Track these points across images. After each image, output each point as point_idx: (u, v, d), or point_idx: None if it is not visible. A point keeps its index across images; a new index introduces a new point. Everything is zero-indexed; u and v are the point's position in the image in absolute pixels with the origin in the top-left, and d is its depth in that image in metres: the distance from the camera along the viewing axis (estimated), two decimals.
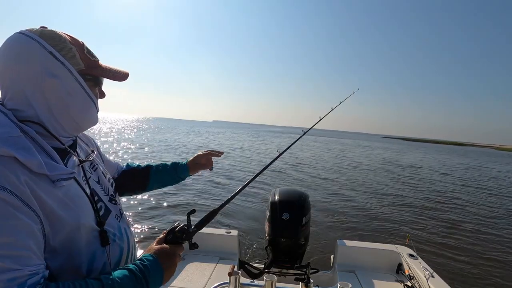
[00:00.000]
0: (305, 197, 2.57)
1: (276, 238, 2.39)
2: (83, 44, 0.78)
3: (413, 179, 13.38)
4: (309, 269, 1.84)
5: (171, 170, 1.27)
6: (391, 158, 24.08)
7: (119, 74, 0.84)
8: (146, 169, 1.23)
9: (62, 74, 0.71)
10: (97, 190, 0.83)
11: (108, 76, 0.82)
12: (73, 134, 0.81)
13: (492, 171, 20.80)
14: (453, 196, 10.23)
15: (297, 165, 14.79)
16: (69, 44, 0.74)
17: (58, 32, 0.74)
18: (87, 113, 0.78)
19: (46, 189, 0.64)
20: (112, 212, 0.84)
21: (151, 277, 0.71)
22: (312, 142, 41.64)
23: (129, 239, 0.87)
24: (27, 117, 0.69)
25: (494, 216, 8.00)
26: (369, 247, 2.52)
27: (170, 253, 0.77)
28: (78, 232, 0.69)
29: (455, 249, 5.35)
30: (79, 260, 0.70)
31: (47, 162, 0.66)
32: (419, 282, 2.06)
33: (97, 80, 0.80)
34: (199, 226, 0.88)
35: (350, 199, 8.43)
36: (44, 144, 0.68)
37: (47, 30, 0.73)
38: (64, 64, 0.71)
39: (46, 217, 0.63)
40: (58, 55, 0.70)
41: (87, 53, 0.77)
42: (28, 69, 0.68)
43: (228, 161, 13.97)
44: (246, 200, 7.33)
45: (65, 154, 0.76)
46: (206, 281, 2.07)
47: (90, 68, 0.77)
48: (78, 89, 0.74)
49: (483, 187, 13.12)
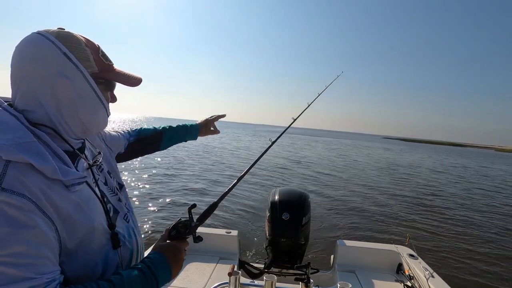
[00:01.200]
0: (305, 197, 2.57)
1: (276, 238, 2.39)
2: (99, 47, 0.78)
3: (413, 180, 13.38)
4: (309, 269, 1.84)
5: (183, 132, 1.39)
6: (391, 159, 24.09)
7: (132, 79, 0.84)
8: (159, 134, 1.32)
9: (74, 76, 0.70)
10: (105, 191, 0.83)
11: (121, 80, 0.82)
12: (81, 137, 0.80)
13: (490, 172, 20.79)
14: (453, 197, 10.24)
15: (297, 165, 14.80)
16: (84, 46, 0.74)
17: (74, 34, 0.74)
18: (97, 117, 0.77)
19: (61, 194, 0.64)
20: (120, 213, 0.84)
21: (159, 274, 0.73)
22: (313, 142, 41.64)
23: (137, 240, 0.87)
24: (38, 119, 0.69)
25: (495, 216, 8.01)
26: (369, 247, 2.52)
27: (175, 249, 0.80)
28: (92, 235, 0.69)
29: (455, 249, 5.35)
30: (94, 262, 0.70)
31: (61, 167, 0.65)
32: (419, 282, 2.06)
33: (109, 84, 0.80)
34: (201, 219, 0.90)
35: (350, 199, 8.43)
36: (56, 149, 0.68)
37: (63, 32, 0.73)
38: (77, 66, 0.71)
39: (62, 222, 0.63)
40: (72, 56, 0.70)
41: (101, 56, 0.77)
42: (42, 70, 0.68)
43: (236, 159, 13.98)
44: (246, 200, 7.34)
45: (75, 157, 0.75)
46: (206, 281, 2.07)
47: (103, 72, 0.77)
48: (90, 92, 0.73)
49: (482, 188, 13.14)
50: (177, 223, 0.85)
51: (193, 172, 10.67)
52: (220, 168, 12.03)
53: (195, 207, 0.89)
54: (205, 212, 0.93)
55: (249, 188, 8.68)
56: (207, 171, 11.17)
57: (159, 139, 1.31)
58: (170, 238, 0.84)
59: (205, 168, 11.83)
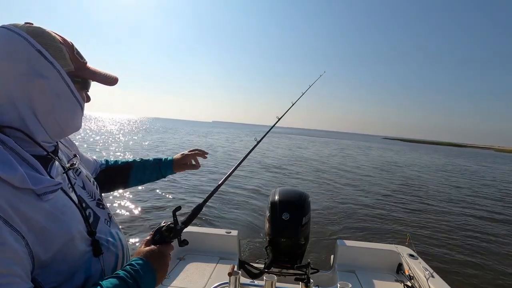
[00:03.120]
0: (305, 197, 2.56)
1: (276, 238, 2.39)
2: (73, 45, 0.74)
3: (413, 180, 13.39)
4: (309, 269, 1.84)
5: (154, 167, 1.28)
6: (390, 159, 24.09)
7: (109, 78, 0.81)
8: (127, 167, 1.23)
9: (51, 75, 0.66)
10: (83, 196, 0.78)
11: (98, 79, 0.79)
12: (55, 139, 0.75)
13: (490, 173, 20.80)
14: (453, 197, 10.24)
15: (297, 165, 14.80)
16: (59, 44, 0.70)
17: (47, 30, 0.70)
18: (73, 117, 0.74)
19: (32, 204, 0.59)
20: (101, 218, 0.79)
21: (143, 281, 0.69)
22: (311, 142, 41.65)
23: (122, 242, 0.82)
24: (8, 121, 0.64)
25: (495, 217, 8.01)
26: (369, 247, 2.52)
27: (159, 254, 0.76)
28: (71, 244, 0.65)
29: (456, 249, 5.36)
30: (74, 271, 0.66)
31: (31, 175, 0.60)
32: (419, 282, 2.05)
33: (86, 83, 0.77)
34: (186, 222, 0.86)
35: (350, 199, 8.43)
36: (25, 154, 0.62)
37: (34, 27, 0.68)
38: (54, 64, 0.67)
39: (34, 234, 0.57)
40: (47, 54, 0.66)
41: (76, 54, 0.74)
42: (14, 68, 0.63)
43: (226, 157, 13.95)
44: (246, 200, 7.33)
45: (47, 162, 0.70)
46: (206, 281, 2.07)
47: (79, 70, 0.74)
48: (67, 91, 0.70)
49: (483, 188, 13.14)
50: (161, 227, 0.81)
51: (178, 172, 10.64)
52: (207, 170, 11.97)
53: (180, 209, 0.85)
54: (190, 215, 0.89)
55: (250, 187, 8.68)
56: (194, 173, 11.11)
57: (129, 168, 1.23)
58: (154, 243, 0.79)
59: (193, 169, 11.81)
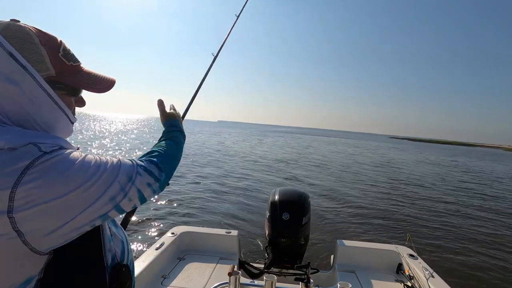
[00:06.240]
0: (305, 197, 2.56)
1: (276, 238, 2.39)
2: (60, 44, 0.67)
3: (414, 180, 13.37)
4: (309, 269, 1.84)
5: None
6: (394, 159, 24.06)
7: (99, 84, 0.73)
8: None
9: (22, 80, 0.60)
10: None
11: (84, 85, 0.71)
12: None
13: (496, 173, 20.78)
14: (453, 197, 10.23)
15: (297, 165, 14.80)
16: (37, 45, 0.63)
17: (27, 28, 0.63)
18: (55, 124, 0.67)
19: None
20: None
21: (179, 128, 1.01)
22: (315, 141, 41.62)
23: (124, 233, 0.85)
24: None
25: (495, 217, 7.99)
26: (369, 247, 2.52)
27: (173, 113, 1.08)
28: None
29: (455, 249, 5.35)
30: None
31: None
32: (419, 282, 2.05)
33: (71, 89, 0.70)
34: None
35: (350, 199, 8.42)
36: None
37: (13, 25, 0.62)
38: (26, 68, 0.60)
39: None
40: (19, 57, 0.59)
41: (62, 56, 0.67)
42: None
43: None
44: (246, 200, 7.33)
45: None
46: (206, 281, 2.07)
47: (62, 75, 0.66)
48: (44, 97, 0.63)
49: (485, 189, 13.12)
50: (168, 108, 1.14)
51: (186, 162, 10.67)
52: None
53: None
54: None
55: (250, 187, 8.69)
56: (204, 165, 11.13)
57: None
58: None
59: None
